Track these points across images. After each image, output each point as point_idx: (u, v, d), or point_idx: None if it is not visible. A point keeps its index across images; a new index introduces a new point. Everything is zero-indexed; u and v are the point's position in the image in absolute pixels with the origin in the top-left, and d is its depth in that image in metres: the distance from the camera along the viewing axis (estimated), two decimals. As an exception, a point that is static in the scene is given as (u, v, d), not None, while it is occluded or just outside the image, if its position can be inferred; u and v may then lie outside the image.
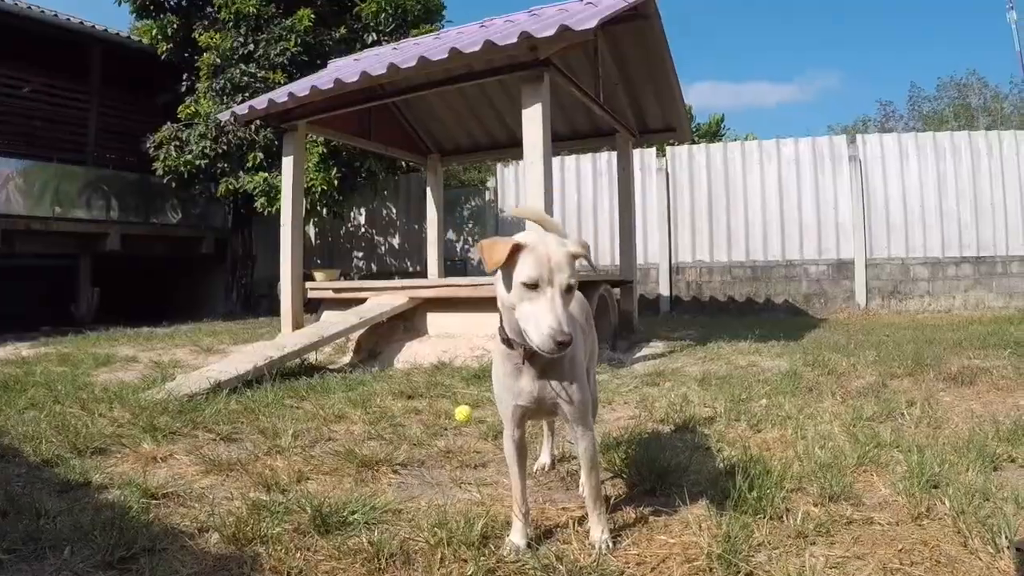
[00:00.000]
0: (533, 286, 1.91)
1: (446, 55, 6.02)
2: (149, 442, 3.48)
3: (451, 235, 14.74)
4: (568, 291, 1.94)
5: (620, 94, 8.77)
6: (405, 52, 7.36)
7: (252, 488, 2.80)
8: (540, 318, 1.88)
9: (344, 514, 2.39)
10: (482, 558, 2.02)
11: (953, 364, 5.29)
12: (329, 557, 2.11)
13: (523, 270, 1.94)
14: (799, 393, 4.54)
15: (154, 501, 2.64)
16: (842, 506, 2.44)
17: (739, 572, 1.98)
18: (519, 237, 2.02)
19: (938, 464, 2.76)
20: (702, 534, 2.18)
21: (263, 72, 11.80)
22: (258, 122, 11.79)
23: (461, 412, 3.73)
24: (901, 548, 2.11)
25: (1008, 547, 2.02)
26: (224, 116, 8.35)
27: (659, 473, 2.75)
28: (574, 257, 2.01)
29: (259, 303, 14.81)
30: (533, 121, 6.08)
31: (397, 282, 7.56)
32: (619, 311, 8.67)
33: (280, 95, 7.28)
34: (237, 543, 2.21)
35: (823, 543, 2.17)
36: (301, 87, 7.30)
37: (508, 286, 1.99)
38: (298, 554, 2.13)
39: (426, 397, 4.68)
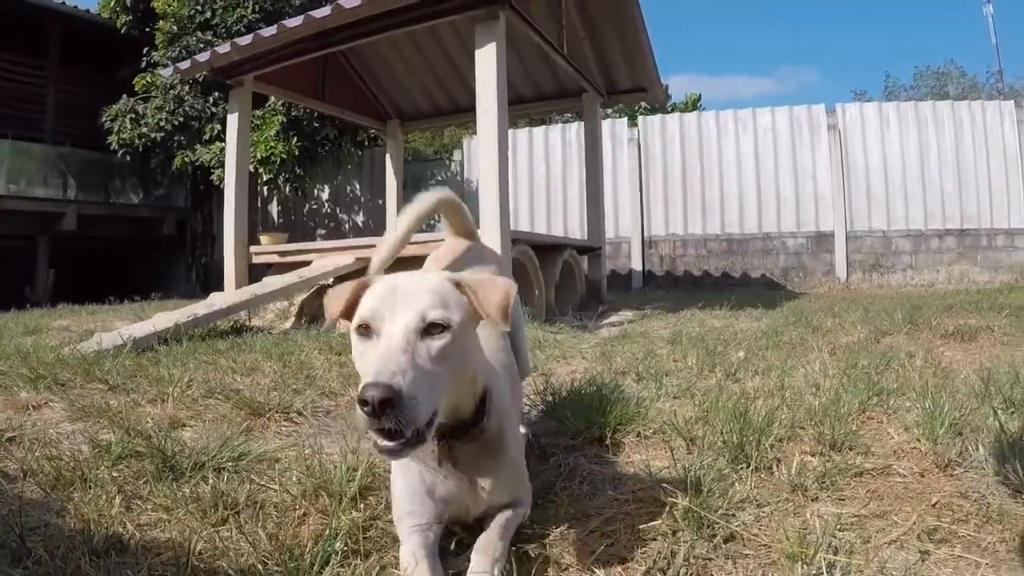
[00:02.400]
0: (366, 331, 1.25)
1: (393, -12, 5.53)
2: (29, 391, 3.01)
3: (417, 209, 14.09)
4: (429, 332, 1.23)
5: (587, 50, 8.21)
6: (357, -1, 6.84)
7: (115, 434, 2.26)
8: (363, 374, 1.20)
9: (201, 460, 1.86)
10: (354, 512, 1.47)
11: (949, 324, 4.77)
12: (157, 507, 1.60)
13: (357, 313, 1.30)
14: (782, 348, 4.02)
15: (-8, 444, 2.19)
16: (847, 455, 1.94)
17: (716, 535, 1.46)
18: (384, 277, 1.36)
19: (958, 411, 2.22)
20: (662, 486, 1.65)
21: (220, 41, 11.21)
22: (216, 94, 11.44)
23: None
24: (935, 502, 1.60)
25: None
26: (166, 72, 7.95)
27: (614, 420, 2.20)
28: (455, 287, 1.34)
29: (220, 284, 14.13)
30: (487, 63, 5.52)
31: (343, 242, 6.97)
32: (587, 280, 8.15)
33: (224, 47, 6.91)
34: (57, 488, 1.76)
35: (829, 499, 1.66)
36: (246, 38, 6.79)
37: None
38: (117, 499, 1.62)
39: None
